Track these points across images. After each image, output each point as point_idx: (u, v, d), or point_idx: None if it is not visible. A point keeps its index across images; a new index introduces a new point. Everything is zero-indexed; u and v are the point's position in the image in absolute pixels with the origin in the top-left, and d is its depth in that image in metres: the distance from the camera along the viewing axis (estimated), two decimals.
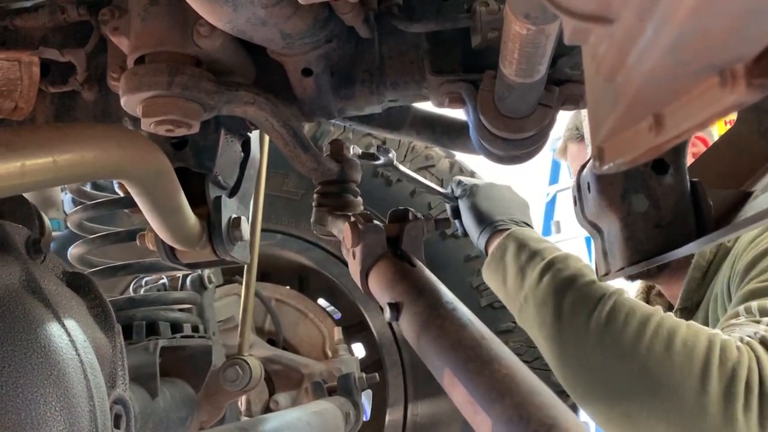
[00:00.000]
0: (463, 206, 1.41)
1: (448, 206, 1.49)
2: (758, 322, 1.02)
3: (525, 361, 0.61)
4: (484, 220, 1.34)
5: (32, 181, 0.55)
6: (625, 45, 0.33)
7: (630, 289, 1.68)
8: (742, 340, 0.97)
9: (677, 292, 1.41)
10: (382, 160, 1.29)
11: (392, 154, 1.31)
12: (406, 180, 1.49)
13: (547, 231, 6.51)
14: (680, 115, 0.35)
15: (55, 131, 0.60)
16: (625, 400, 0.99)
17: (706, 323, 1.27)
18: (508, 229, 1.27)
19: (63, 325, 0.66)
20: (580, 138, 1.73)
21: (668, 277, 1.47)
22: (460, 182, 1.44)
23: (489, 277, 1.28)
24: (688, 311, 1.35)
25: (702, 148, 1.57)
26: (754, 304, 1.05)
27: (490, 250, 1.28)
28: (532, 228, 1.35)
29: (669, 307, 1.50)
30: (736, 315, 1.07)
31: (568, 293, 1.08)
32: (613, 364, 1.00)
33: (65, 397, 0.62)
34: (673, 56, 0.32)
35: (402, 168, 1.39)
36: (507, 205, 1.38)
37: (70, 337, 0.66)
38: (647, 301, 1.62)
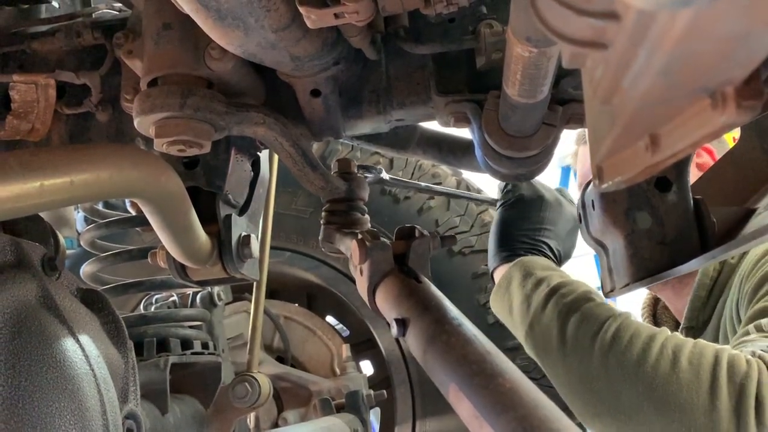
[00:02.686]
0: (495, 216, 1.34)
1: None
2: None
3: (533, 379, 0.62)
4: (504, 242, 1.28)
5: (50, 201, 0.56)
6: (620, 69, 0.35)
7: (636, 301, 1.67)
8: (753, 354, 0.96)
9: (681, 305, 1.41)
10: (371, 176, 1.24)
11: (382, 172, 1.26)
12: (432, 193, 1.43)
13: None
14: (675, 136, 0.37)
15: (72, 152, 0.61)
16: (633, 421, 0.98)
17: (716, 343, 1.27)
18: (520, 256, 1.23)
19: (77, 341, 0.67)
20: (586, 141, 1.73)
21: (672, 290, 1.46)
22: (506, 187, 1.33)
23: (496, 306, 1.26)
24: (694, 330, 1.35)
25: (707, 159, 1.57)
26: (765, 321, 1.05)
27: (497, 278, 1.26)
28: (556, 255, 1.29)
29: (675, 323, 1.50)
30: (747, 334, 1.07)
31: (572, 317, 1.07)
32: (619, 385, 0.99)
33: (79, 411, 0.63)
34: (666, 79, 0.33)
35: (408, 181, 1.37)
36: (541, 226, 1.28)
37: (84, 352, 0.67)
38: (654, 315, 1.62)
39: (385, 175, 1.26)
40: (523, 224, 1.28)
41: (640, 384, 0.97)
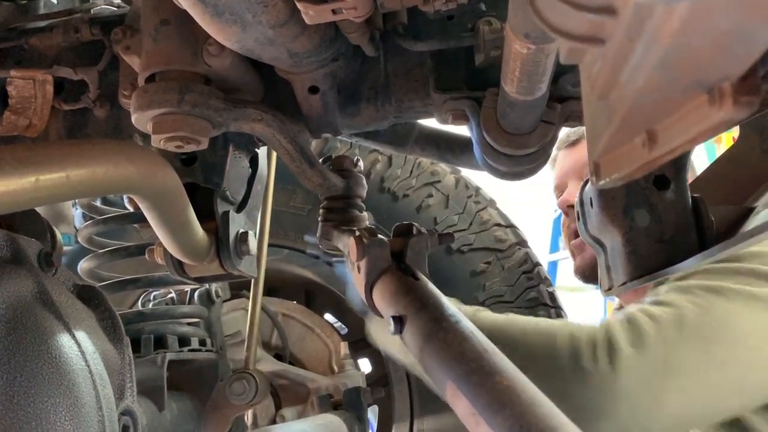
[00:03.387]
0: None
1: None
2: (641, 302, 1.22)
3: None
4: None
5: (46, 196, 0.56)
6: (617, 64, 0.35)
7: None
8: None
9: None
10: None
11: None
12: None
13: (554, 248, 6.48)
14: (672, 132, 0.37)
15: (68, 147, 0.61)
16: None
17: None
18: None
19: (73, 337, 0.67)
20: (568, 144, 1.77)
21: (633, 293, 1.49)
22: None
23: (375, 333, 1.37)
24: None
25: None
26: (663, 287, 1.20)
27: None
28: None
29: None
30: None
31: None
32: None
33: (75, 407, 0.63)
34: (663, 74, 0.33)
35: None
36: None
37: (81, 348, 0.67)
38: None
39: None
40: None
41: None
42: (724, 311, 1.16)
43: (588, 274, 1.73)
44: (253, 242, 0.99)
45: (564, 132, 1.79)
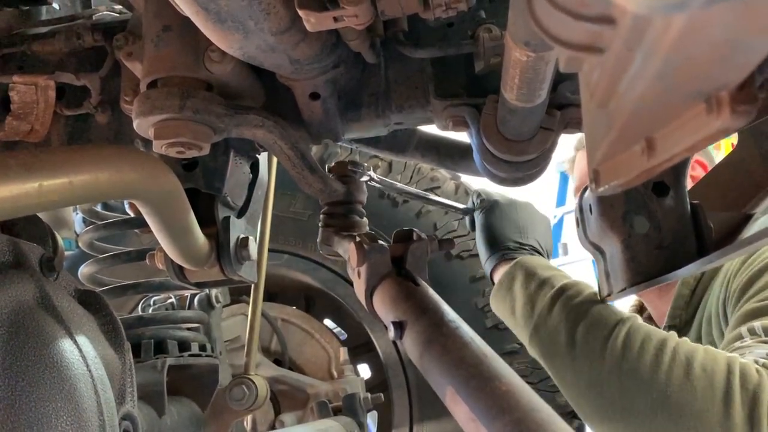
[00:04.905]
0: (477, 222, 1.37)
1: (466, 218, 1.44)
2: (766, 342, 1.02)
3: (530, 383, 0.62)
4: (494, 244, 1.31)
5: (49, 201, 0.57)
6: (616, 73, 0.35)
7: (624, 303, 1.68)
8: (757, 362, 0.97)
9: (665, 309, 1.41)
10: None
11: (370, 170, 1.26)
12: (407, 196, 1.44)
13: (554, 253, 6.49)
14: (671, 140, 0.37)
15: (71, 153, 0.62)
16: (646, 427, 0.98)
17: (699, 343, 1.27)
18: (515, 257, 1.26)
19: (75, 342, 0.67)
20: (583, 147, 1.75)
21: (657, 291, 1.46)
22: (479, 194, 1.39)
23: (497, 306, 1.26)
24: (676, 329, 1.35)
25: (700, 173, 1.58)
26: (757, 324, 1.05)
27: (497, 278, 1.27)
28: (544, 254, 1.33)
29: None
30: (740, 336, 1.07)
31: (581, 321, 1.07)
32: (632, 392, 0.99)
33: (76, 412, 0.63)
34: (661, 83, 0.33)
35: (404, 186, 1.36)
36: (523, 227, 1.33)
37: (82, 353, 0.67)
38: None
39: (373, 175, 1.25)
40: (508, 225, 1.32)
41: (654, 391, 0.97)
42: None
43: None
44: (253, 247, 0.99)
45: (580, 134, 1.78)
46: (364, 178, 1.16)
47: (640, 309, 1.64)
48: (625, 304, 1.71)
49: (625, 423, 1.00)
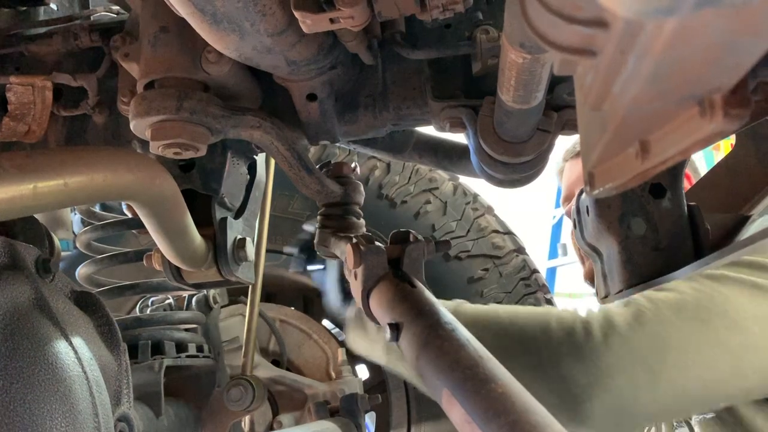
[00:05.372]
0: (326, 276, 1.43)
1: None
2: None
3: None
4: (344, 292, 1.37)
5: (44, 203, 0.57)
6: (610, 75, 0.35)
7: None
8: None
9: None
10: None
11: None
12: None
13: (553, 254, 6.49)
14: (665, 143, 0.37)
15: (67, 154, 0.62)
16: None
17: None
18: None
19: (70, 343, 0.67)
20: (576, 155, 1.77)
21: None
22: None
23: (356, 340, 1.35)
24: None
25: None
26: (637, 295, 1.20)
27: (349, 315, 1.34)
28: None
29: None
30: None
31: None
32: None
33: (71, 413, 0.63)
34: (655, 86, 0.33)
35: None
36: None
37: (77, 354, 0.67)
38: None
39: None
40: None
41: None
42: (725, 297, 1.16)
43: None
44: (250, 248, 0.99)
45: (571, 142, 1.79)
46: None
47: None
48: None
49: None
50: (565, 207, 1.88)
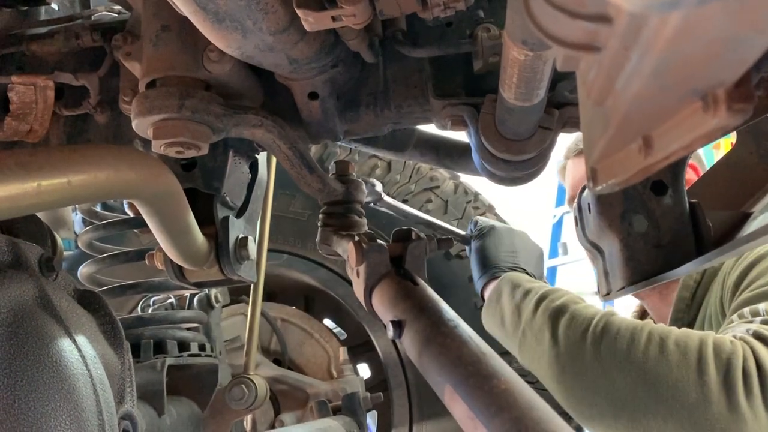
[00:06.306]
0: (473, 245, 1.44)
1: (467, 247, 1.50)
2: (750, 321, 1.05)
3: (529, 382, 0.62)
4: (486, 264, 1.38)
5: (47, 201, 0.57)
6: (613, 71, 0.35)
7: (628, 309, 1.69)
8: (735, 336, 1.01)
9: (666, 312, 1.42)
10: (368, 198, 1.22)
11: (378, 187, 1.27)
12: (400, 215, 1.46)
13: (554, 253, 6.49)
14: (668, 138, 0.37)
15: (70, 153, 0.62)
16: (628, 408, 1.01)
17: None
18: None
19: (74, 341, 0.67)
20: (578, 153, 1.76)
21: (659, 295, 1.48)
22: (477, 222, 1.47)
23: (488, 321, 1.32)
24: None
25: (692, 175, 1.59)
26: (746, 310, 1.09)
27: (486, 295, 1.33)
28: (534, 276, 1.38)
29: None
30: (731, 323, 1.11)
31: (561, 318, 1.13)
32: (612, 375, 1.03)
33: (75, 411, 0.63)
34: (658, 81, 0.33)
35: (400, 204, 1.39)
36: (516, 252, 1.40)
37: (81, 352, 0.67)
38: None
39: (379, 188, 1.26)
40: (502, 248, 1.39)
41: (633, 370, 1.01)
42: None
43: None
44: (252, 247, 0.99)
45: (573, 141, 1.79)
46: (371, 199, 1.18)
47: (642, 314, 1.64)
48: (627, 310, 1.72)
49: (609, 407, 1.03)
50: (571, 207, 1.87)
